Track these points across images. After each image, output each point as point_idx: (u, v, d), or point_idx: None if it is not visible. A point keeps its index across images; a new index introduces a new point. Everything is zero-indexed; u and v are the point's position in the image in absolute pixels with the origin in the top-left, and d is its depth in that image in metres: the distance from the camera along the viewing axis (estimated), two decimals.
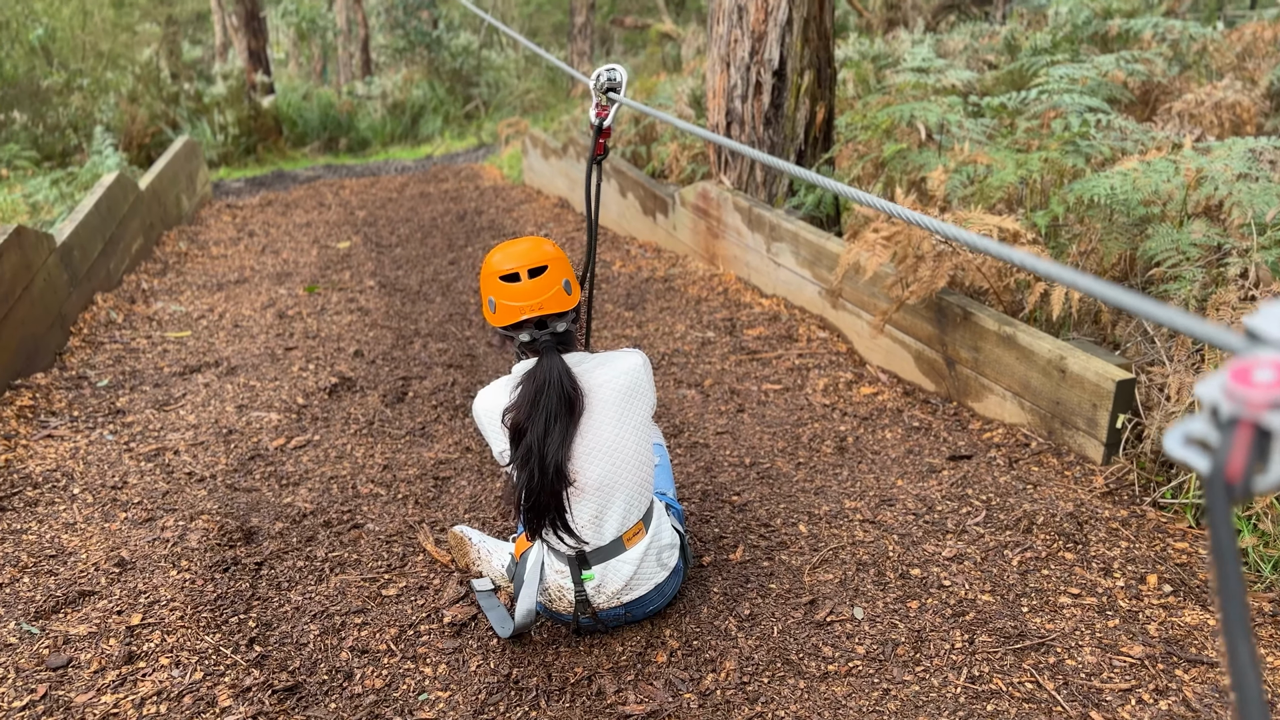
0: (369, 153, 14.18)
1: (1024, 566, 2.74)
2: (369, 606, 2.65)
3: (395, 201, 8.76)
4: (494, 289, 2.37)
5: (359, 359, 4.42)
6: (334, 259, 6.56)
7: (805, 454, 3.40)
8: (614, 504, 2.38)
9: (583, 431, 2.33)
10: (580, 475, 2.33)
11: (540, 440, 2.26)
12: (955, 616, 2.55)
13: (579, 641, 2.50)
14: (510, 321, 2.35)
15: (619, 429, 2.35)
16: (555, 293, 2.35)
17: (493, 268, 2.38)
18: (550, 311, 2.34)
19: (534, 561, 2.43)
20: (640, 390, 2.41)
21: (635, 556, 2.41)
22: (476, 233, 7.37)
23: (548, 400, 2.26)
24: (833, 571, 2.74)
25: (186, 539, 2.93)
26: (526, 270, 2.34)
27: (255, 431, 3.65)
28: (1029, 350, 3.51)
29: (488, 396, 2.42)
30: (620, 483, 2.37)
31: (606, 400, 2.35)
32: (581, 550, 2.40)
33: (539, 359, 2.32)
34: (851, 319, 4.43)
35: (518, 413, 2.29)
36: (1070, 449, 3.38)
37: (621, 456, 2.36)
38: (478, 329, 4.94)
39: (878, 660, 2.41)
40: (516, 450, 2.29)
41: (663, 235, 6.25)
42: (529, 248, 2.39)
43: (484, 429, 2.44)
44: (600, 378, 2.37)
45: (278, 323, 5.02)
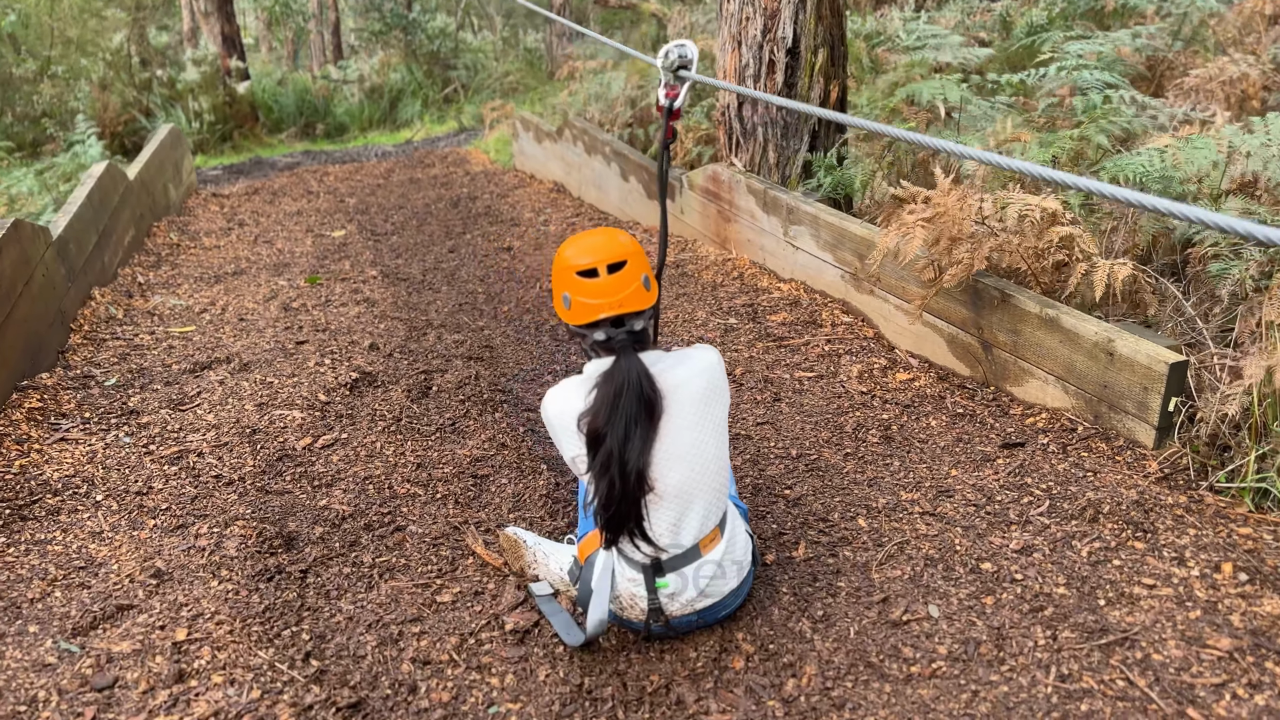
0: (347, 138, 13.94)
1: (1094, 557, 2.68)
2: (424, 614, 2.55)
3: (384, 188, 8.59)
4: (569, 284, 2.26)
5: (375, 353, 4.29)
6: (330, 248, 6.40)
7: (851, 444, 3.32)
8: (693, 510, 2.28)
9: (661, 435, 2.22)
10: (659, 481, 2.23)
11: (620, 446, 2.15)
12: (1033, 612, 2.48)
13: (649, 647, 2.41)
14: (588, 320, 2.24)
15: (699, 432, 2.25)
16: (635, 289, 2.24)
17: (567, 262, 2.27)
18: (630, 310, 2.23)
19: (604, 569, 2.33)
20: (718, 389, 2.31)
21: (711, 564, 2.32)
22: (473, 219, 7.22)
23: (627, 404, 2.16)
24: (901, 567, 2.66)
25: (224, 546, 2.80)
26: (605, 265, 2.23)
27: (279, 431, 3.52)
28: (1073, 333, 3.44)
29: (560, 399, 2.31)
30: (700, 488, 2.27)
31: (685, 402, 2.25)
32: (657, 558, 2.30)
33: (616, 359, 2.22)
34: (878, 303, 4.35)
35: (595, 417, 2.18)
36: (1119, 433, 3.32)
37: (701, 460, 2.26)
38: (490, 319, 4.82)
39: (961, 660, 2.33)
40: (595, 457, 2.18)
41: (670, 220, 6.14)
42: (605, 241, 2.28)
43: (555, 433, 2.33)
44: (677, 378, 2.26)
45: (284, 316, 4.87)
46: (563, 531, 2.89)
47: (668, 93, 2.53)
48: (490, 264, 5.92)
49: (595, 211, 7.07)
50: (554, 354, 4.22)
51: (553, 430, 2.34)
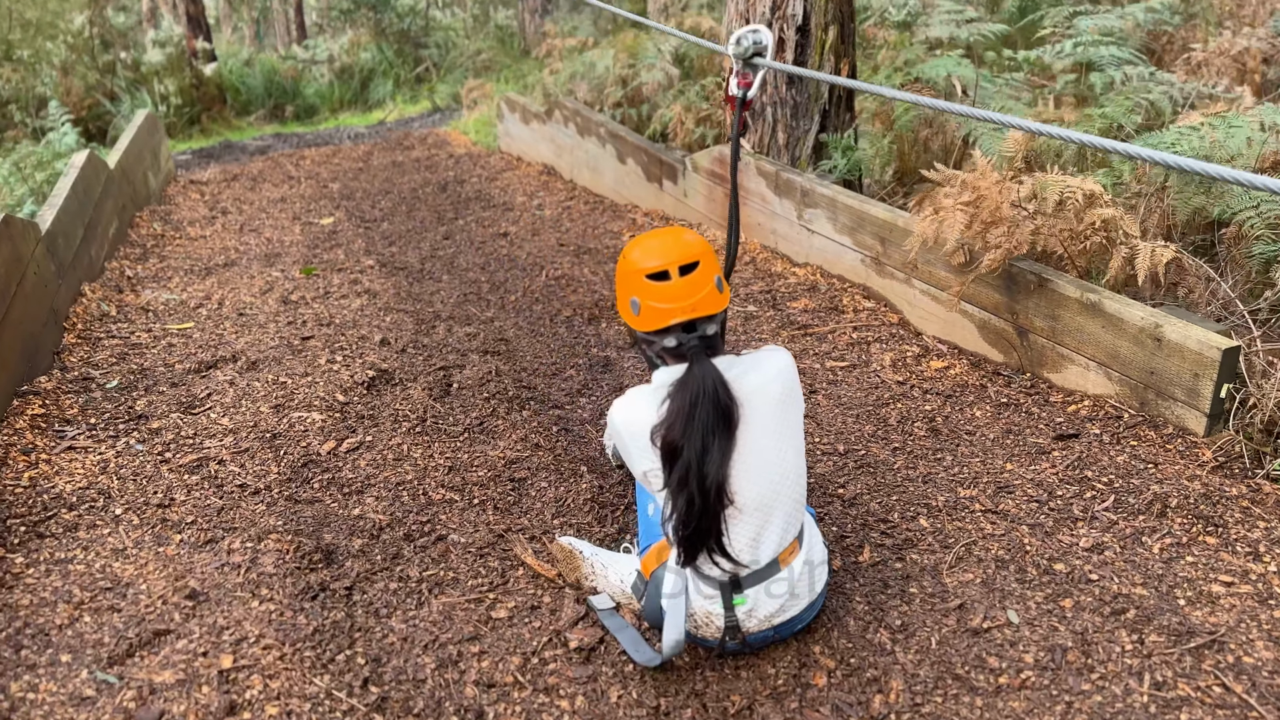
0: (318, 120, 13.63)
1: (1166, 554, 2.60)
2: (481, 632, 2.42)
3: (366, 172, 8.37)
4: (638, 288, 2.13)
5: (386, 348, 4.13)
6: (320, 237, 6.20)
7: (899, 438, 3.22)
8: (773, 523, 2.17)
9: (739, 446, 2.11)
10: (738, 495, 2.12)
11: (698, 459, 2.03)
12: (1115, 615, 2.40)
13: (725, 664, 2.30)
14: (659, 326, 2.11)
15: (778, 441, 2.14)
16: (708, 292, 2.12)
17: (635, 265, 2.14)
18: (703, 314, 2.11)
19: (676, 586, 2.22)
20: (793, 393, 2.19)
21: (791, 578, 2.21)
22: (464, 203, 7.04)
23: (703, 414, 2.04)
24: (972, 570, 2.57)
25: (260, 563, 2.66)
26: (677, 267, 2.11)
27: (300, 435, 3.36)
28: (1117, 318, 3.36)
29: (630, 409, 2.18)
30: (780, 500, 2.16)
31: (762, 409, 2.13)
32: (736, 574, 2.19)
33: (689, 367, 2.09)
34: (901, 288, 4.25)
35: (670, 430, 2.06)
36: (1167, 421, 3.25)
37: (781, 470, 2.15)
38: (498, 310, 4.67)
39: (1049, 669, 2.25)
40: (671, 471, 2.06)
41: (670, 203, 6.00)
42: (674, 241, 2.16)
43: (625, 446, 2.20)
44: (753, 384, 2.14)
45: (284, 309, 4.69)
46: (613, 539, 2.77)
47: (740, 81, 2.40)
48: (489, 251, 5.76)
49: (590, 194, 6.92)
50: (573, 347, 4.09)
51: (622, 443, 2.21)
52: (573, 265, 5.25)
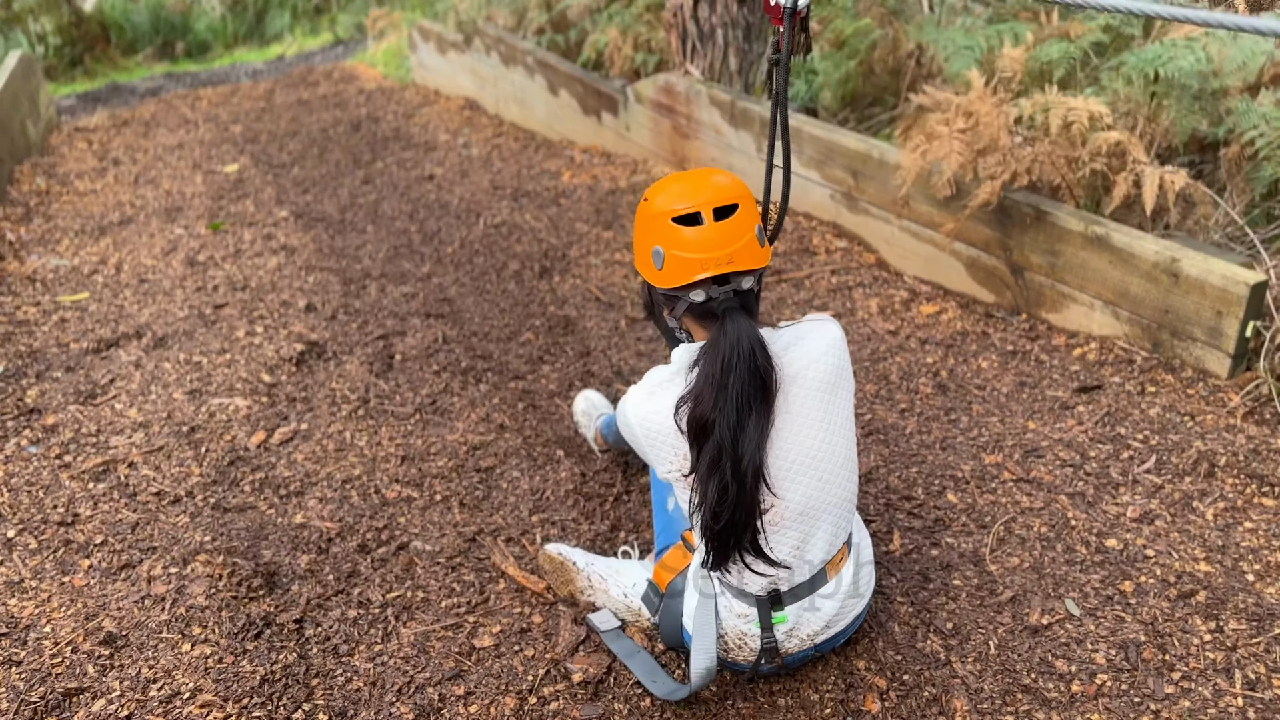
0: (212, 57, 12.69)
1: (1221, 520, 2.34)
2: (465, 667, 2.05)
3: (269, 113, 7.70)
4: (662, 235, 1.73)
5: (313, 315, 3.66)
6: (225, 186, 5.62)
7: (904, 398, 2.90)
8: (820, 530, 1.82)
9: (782, 438, 1.74)
10: (782, 497, 1.76)
11: (732, 435, 1.66)
12: (1182, 598, 2.13)
13: (758, 690, 1.97)
14: (686, 280, 1.72)
15: (826, 431, 1.77)
16: (748, 242, 1.73)
17: (659, 207, 1.74)
18: (741, 268, 1.72)
19: (704, 604, 1.86)
20: (843, 373, 1.82)
21: (839, 590, 1.87)
22: (382, 144, 6.49)
23: (738, 382, 1.66)
24: (1017, 554, 2.27)
25: (188, 593, 2.23)
26: (711, 209, 1.71)
27: (223, 426, 2.91)
28: (1127, 252, 3.07)
29: (645, 399, 1.79)
30: (829, 503, 1.81)
31: (808, 393, 1.76)
32: (775, 589, 1.84)
33: (720, 325, 1.71)
34: (876, 225, 3.91)
35: (698, 402, 1.68)
36: (1186, 363, 2.99)
37: (831, 467, 1.79)
38: (434, 264, 4.22)
39: (1125, 670, 1.97)
40: (700, 453, 1.69)
41: (611, 138, 5.55)
42: (704, 181, 1.76)
43: (644, 444, 1.81)
44: (797, 362, 1.77)
45: (191, 273, 4.17)
46: (605, 538, 2.41)
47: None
48: (415, 196, 5.26)
49: (519, 130, 6.42)
50: (526, 306, 3.67)
51: (638, 442, 1.83)
52: (512, 210, 4.80)
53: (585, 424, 2.75)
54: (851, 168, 3.97)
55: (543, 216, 4.67)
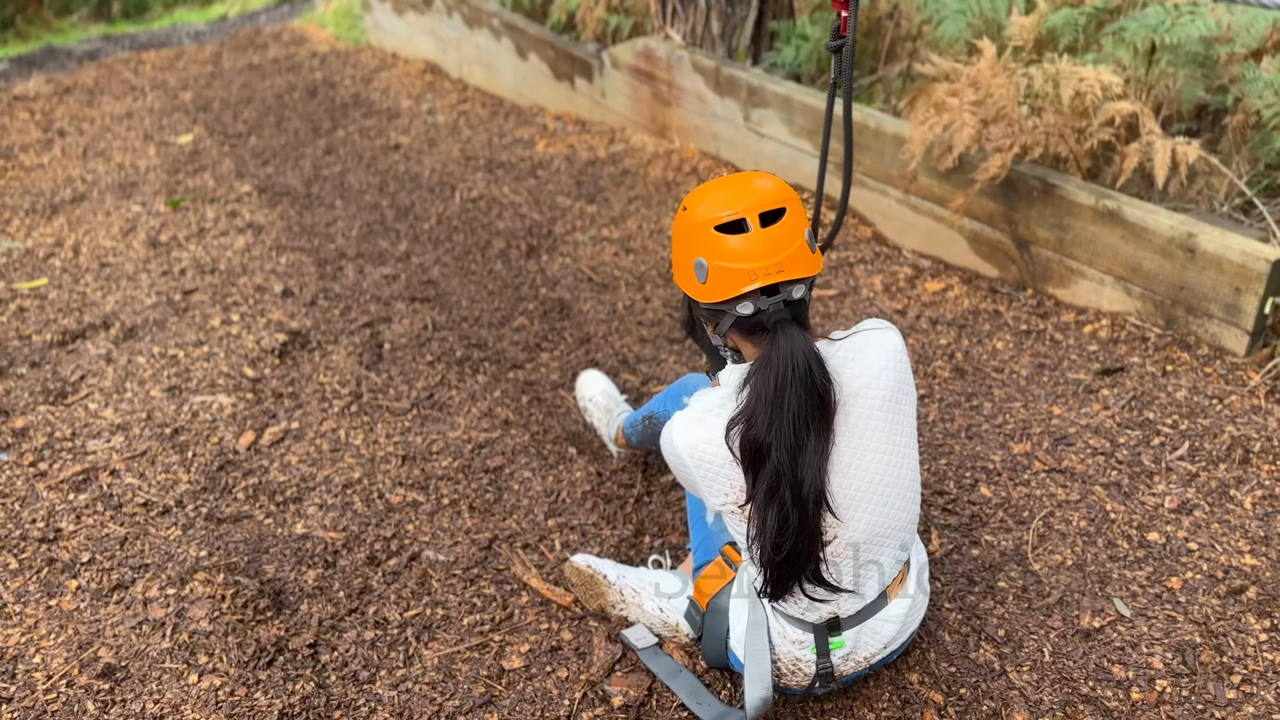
0: (150, 17, 12.16)
1: (1260, 510, 2.29)
2: (496, 691, 1.93)
3: (219, 78, 7.38)
4: (705, 245, 1.60)
5: (291, 300, 3.48)
6: (180, 158, 5.35)
7: (923, 383, 2.81)
8: (884, 557, 1.72)
9: (845, 461, 1.63)
10: (847, 524, 1.65)
11: (791, 459, 1.55)
12: (1231, 595, 2.07)
13: (808, 709, 1.88)
14: (733, 293, 1.59)
15: (891, 452, 1.66)
16: (798, 248, 1.60)
17: (700, 216, 1.61)
18: (791, 277, 1.60)
19: (756, 631, 1.75)
20: (905, 385, 1.71)
21: (900, 613, 1.78)
22: (341, 110, 6.24)
23: (794, 400, 1.54)
24: (1059, 551, 2.20)
25: (189, 616, 2.08)
26: (756, 215, 1.58)
27: (208, 426, 2.74)
28: (1140, 227, 3.00)
29: (696, 425, 1.65)
30: (894, 528, 1.70)
31: (871, 411, 1.64)
32: (835, 615, 1.74)
33: (773, 339, 1.59)
34: (875, 198, 3.80)
35: (750, 424, 1.56)
36: (1201, 341, 2.93)
37: (898, 491, 1.68)
38: (412, 241, 4.04)
39: (1183, 675, 1.91)
40: (756, 480, 1.58)
41: (585, 105, 5.37)
42: (747, 185, 1.63)
43: (695, 476, 1.68)
44: (858, 379, 1.65)
45: (154, 255, 3.95)
46: (630, 544, 2.29)
47: None
48: (382, 167, 5.05)
49: (485, 96, 6.20)
50: (517, 288, 3.52)
51: (689, 473, 1.69)
52: (488, 183, 4.62)
53: (596, 413, 2.62)
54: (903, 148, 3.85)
55: (521, 189, 4.50)
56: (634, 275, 3.55)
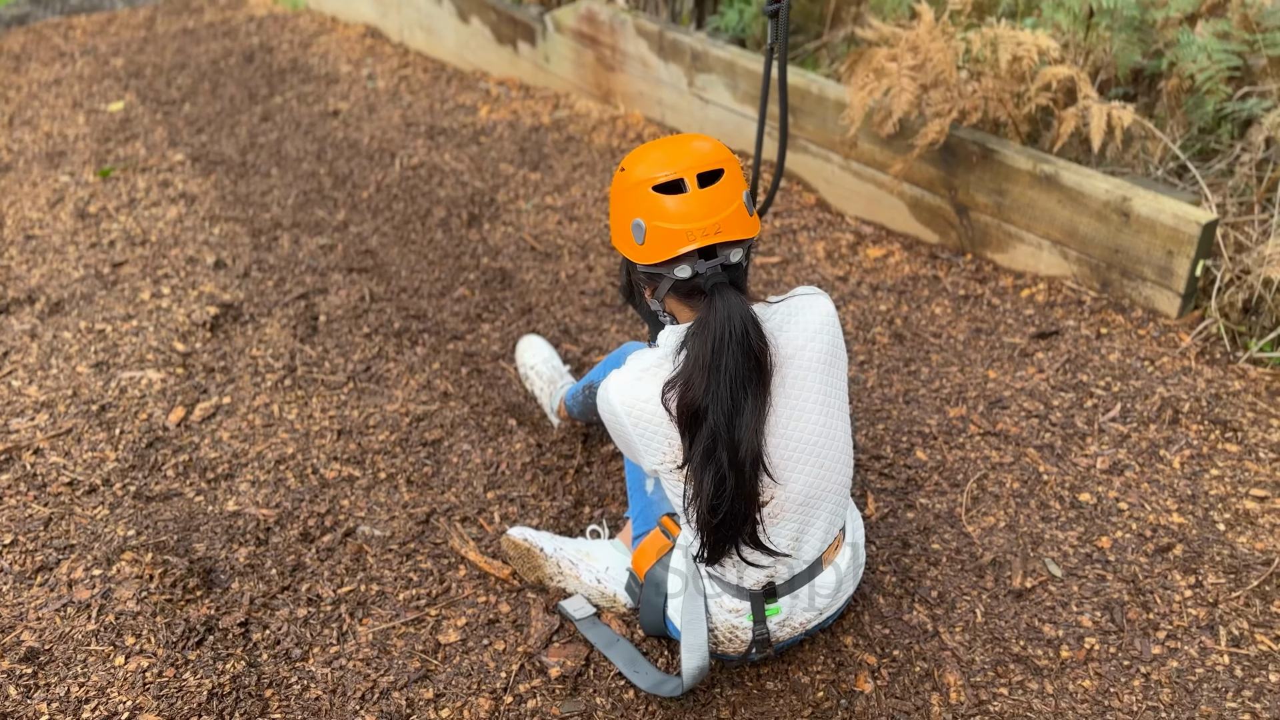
0: None
1: (1189, 469, 2.33)
2: (432, 667, 1.91)
3: (152, 43, 7.17)
4: (642, 205, 1.58)
5: (224, 272, 3.40)
6: (111, 126, 5.20)
7: (862, 348, 2.82)
8: (819, 519, 1.72)
9: (781, 422, 1.63)
10: (784, 485, 1.65)
11: (727, 421, 1.54)
12: (1159, 552, 2.11)
13: (745, 674, 1.88)
14: (670, 254, 1.57)
15: (825, 413, 1.66)
16: (735, 210, 1.59)
17: (637, 176, 1.59)
18: (729, 239, 1.58)
19: (693, 601, 1.75)
20: (839, 352, 1.71)
21: (835, 578, 1.78)
22: (278, 77, 6.10)
23: (730, 363, 1.53)
24: (993, 512, 2.22)
25: (116, 597, 2.04)
26: (695, 175, 1.56)
27: (136, 402, 2.67)
28: (1077, 191, 3.02)
29: (633, 384, 1.64)
30: (829, 489, 1.70)
31: (806, 373, 1.64)
32: (771, 581, 1.74)
33: (710, 302, 1.57)
34: (818, 164, 3.79)
35: (688, 387, 1.55)
36: (1135, 303, 2.97)
37: (832, 452, 1.68)
38: (350, 210, 3.96)
39: (1112, 633, 1.94)
40: (693, 443, 1.56)
41: (529, 69, 5.29)
42: (685, 146, 1.61)
43: (632, 436, 1.67)
44: (793, 340, 1.65)
45: (83, 226, 3.84)
46: (569, 515, 2.28)
47: None
48: (320, 135, 4.95)
49: (427, 61, 6.09)
50: (457, 257, 3.47)
51: (625, 433, 1.68)
52: (429, 150, 4.54)
53: (539, 383, 2.59)
54: (789, 103, 3.83)
55: (463, 157, 4.43)
56: (577, 244, 3.52)
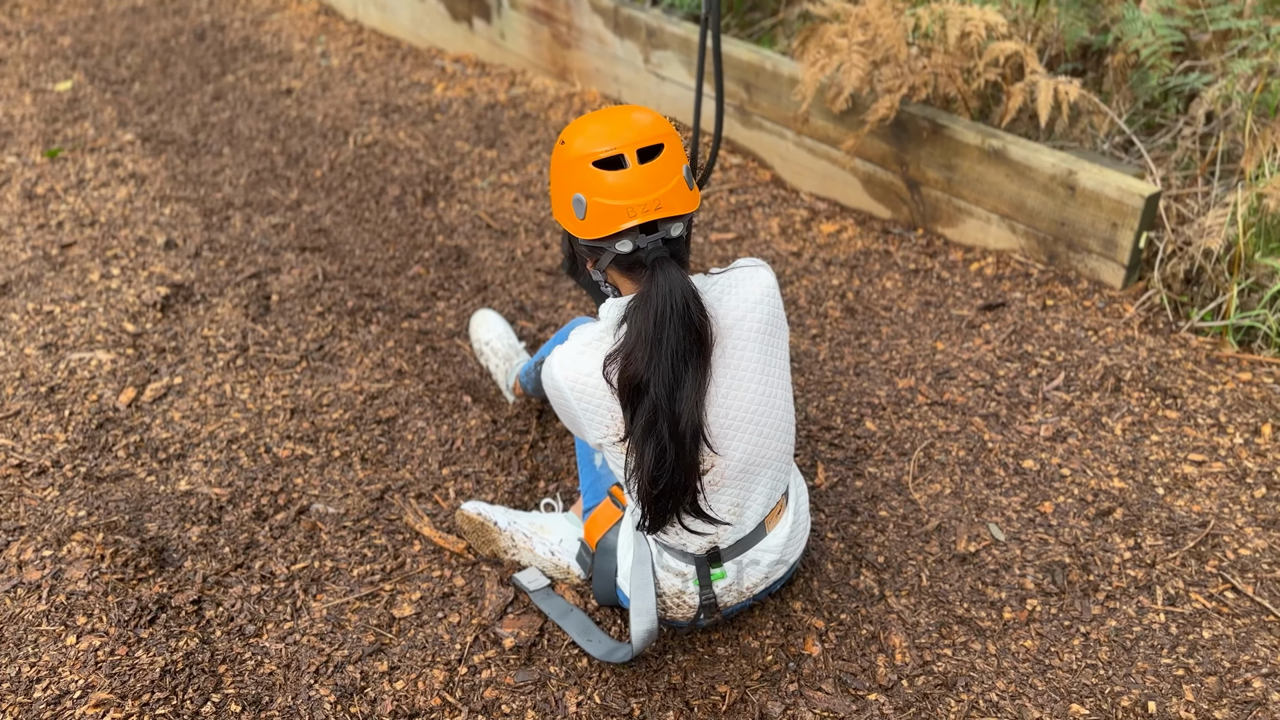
0: None
1: (1130, 435, 2.38)
2: (387, 640, 1.92)
3: (100, 21, 7.04)
4: (583, 181, 1.58)
5: (174, 252, 3.37)
6: (59, 106, 5.12)
7: (814, 322, 2.85)
8: (759, 486, 1.75)
9: (720, 393, 1.65)
10: (723, 455, 1.67)
11: (668, 394, 1.56)
12: (1100, 516, 2.16)
13: (698, 642, 1.92)
14: (612, 230, 1.58)
15: (764, 383, 1.68)
16: (676, 185, 1.60)
17: (577, 150, 1.59)
18: (669, 214, 1.60)
19: (641, 567, 1.78)
20: (779, 323, 1.73)
21: (778, 543, 1.81)
22: (231, 54, 6.02)
23: (672, 336, 1.55)
24: (938, 480, 2.27)
25: (66, 577, 2.03)
26: (634, 150, 1.57)
27: (86, 384, 2.65)
28: (1025, 166, 3.07)
29: (576, 358, 1.65)
30: (769, 457, 1.73)
31: (745, 344, 1.66)
32: (715, 546, 1.77)
33: (651, 276, 1.59)
34: (772, 140, 3.81)
35: (629, 360, 1.56)
36: (1081, 275, 3.03)
37: (771, 420, 1.70)
38: (303, 189, 3.93)
39: (1053, 594, 1.99)
40: (634, 416, 1.58)
41: (484, 46, 5.26)
42: (625, 119, 1.61)
43: (576, 409, 1.68)
44: (733, 310, 1.66)
45: (30, 208, 3.78)
46: (524, 489, 2.29)
47: None
48: (273, 113, 4.90)
49: (381, 38, 6.03)
50: (412, 235, 3.45)
51: (569, 406, 1.69)
52: (384, 128, 4.51)
53: (494, 359, 2.60)
54: (744, 80, 3.85)
55: (418, 134, 4.41)
56: (533, 221, 3.52)
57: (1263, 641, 1.88)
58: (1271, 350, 2.65)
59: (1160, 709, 1.77)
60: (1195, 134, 3.11)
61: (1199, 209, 2.99)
